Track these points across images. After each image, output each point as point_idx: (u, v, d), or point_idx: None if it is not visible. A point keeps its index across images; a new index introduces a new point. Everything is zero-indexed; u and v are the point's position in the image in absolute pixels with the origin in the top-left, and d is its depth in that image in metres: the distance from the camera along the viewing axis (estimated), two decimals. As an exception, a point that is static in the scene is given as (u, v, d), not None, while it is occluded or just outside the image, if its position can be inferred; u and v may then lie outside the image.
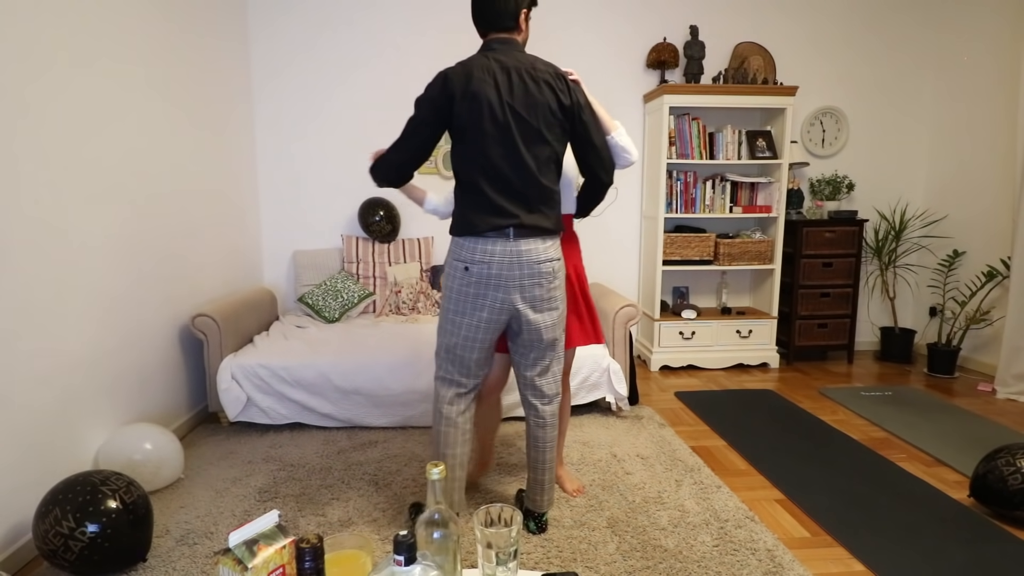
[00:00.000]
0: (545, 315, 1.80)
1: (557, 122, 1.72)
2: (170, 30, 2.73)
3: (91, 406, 2.18)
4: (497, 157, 1.70)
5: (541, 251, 1.75)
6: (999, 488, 2.04)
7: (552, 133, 1.73)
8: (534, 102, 1.69)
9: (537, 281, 1.76)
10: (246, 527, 0.94)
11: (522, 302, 1.76)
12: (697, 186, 3.83)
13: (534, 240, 1.75)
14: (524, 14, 1.77)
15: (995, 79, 3.72)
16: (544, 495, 1.97)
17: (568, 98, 1.73)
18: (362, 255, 3.75)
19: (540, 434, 1.92)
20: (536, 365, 1.87)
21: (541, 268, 1.75)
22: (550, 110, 1.70)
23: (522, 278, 1.75)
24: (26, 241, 1.86)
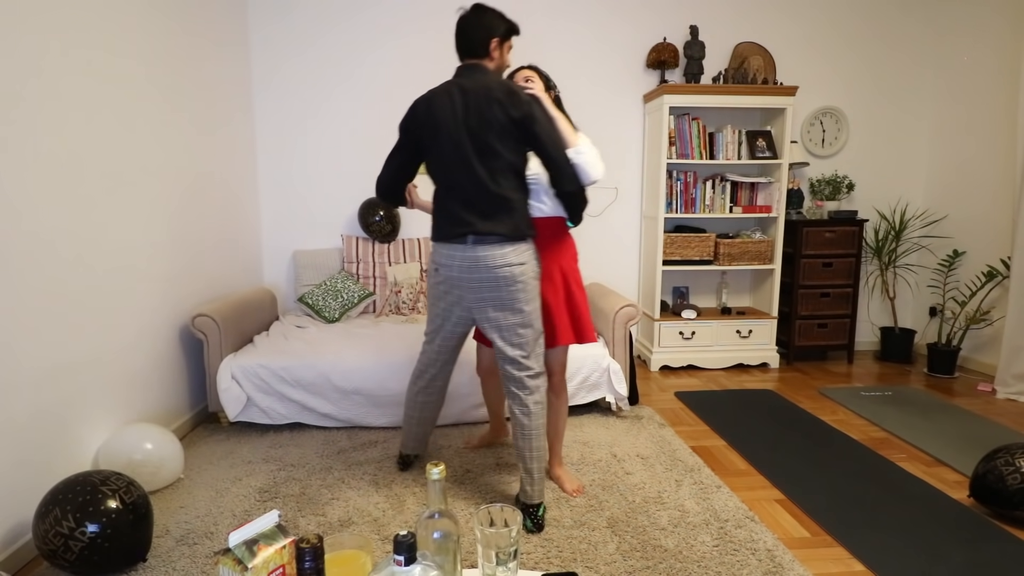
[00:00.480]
0: (508, 314, 1.94)
1: (510, 135, 1.86)
2: (170, 30, 2.73)
3: (91, 406, 2.18)
4: (454, 171, 1.91)
5: (499, 256, 1.89)
6: (998, 488, 2.04)
7: (505, 145, 1.86)
8: (485, 119, 1.85)
9: (495, 284, 1.91)
10: (246, 527, 0.94)
11: (483, 302, 1.94)
12: (697, 186, 3.83)
13: (492, 247, 1.89)
14: (495, 43, 1.95)
15: (995, 79, 3.72)
16: (533, 485, 2.02)
17: (518, 112, 1.84)
18: (362, 255, 3.75)
19: (525, 422, 2.00)
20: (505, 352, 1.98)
21: (498, 272, 1.89)
22: (501, 125, 1.85)
23: (481, 281, 1.92)
24: (26, 241, 1.86)
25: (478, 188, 1.89)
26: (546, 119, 1.88)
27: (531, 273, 1.96)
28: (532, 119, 1.85)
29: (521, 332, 1.96)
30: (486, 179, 1.88)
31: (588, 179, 1.95)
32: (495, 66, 1.98)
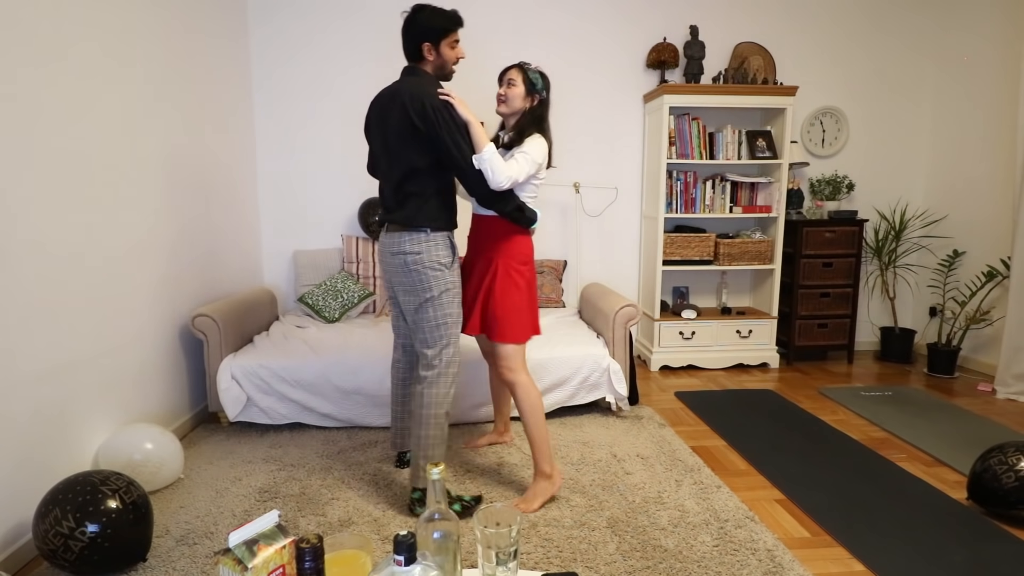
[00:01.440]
0: (408, 299, 2.09)
1: (413, 138, 1.98)
2: (170, 30, 2.73)
3: (91, 406, 2.18)
4: (380, 167, 2.14)
5: (395, 243, 2.06)
6: (994, 487, 2.04)
7: (407, 146, 2.00)
8: (391, 121, 2.01)
9: (394, 269, 2.09)
10: (246, 527, 0.94)
11: (395, 287, 2.13)
12: (697, 186, 3.83)
13: (393, 234, 2.07)
14: (427, 47, 2.04)
15: (995, 79, 3.72)
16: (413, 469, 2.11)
17: (420, 118, 1.95)
18: (362, 255, 3.75)
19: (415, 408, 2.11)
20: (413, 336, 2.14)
21: (394, 259, 2.07)
22: (403, 127, 1.98)
23: (388, 266, 2.12)
24: (26, 241, 1.86)
25: (388, 183, 2.09)
26: (449, 126, 1.95)
27: (428, 263, 2.04)
28: (433, 125, 1.94)
29: (417, 318, 2.08)
30: (393, 176, 2.05)
31: (491, 184, 1.99)
32: (433, 67, 2.08)
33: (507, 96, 2.17)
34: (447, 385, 2.09)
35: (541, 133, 2.14)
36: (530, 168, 2.06)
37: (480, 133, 1.99)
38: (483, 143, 1.98)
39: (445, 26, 2.04)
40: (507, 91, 2.17)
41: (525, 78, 2.15)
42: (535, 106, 2.18)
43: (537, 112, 2.17)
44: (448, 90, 2.01)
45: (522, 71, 2.16)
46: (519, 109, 2.18)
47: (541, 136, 2.13)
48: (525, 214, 2.13)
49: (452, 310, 2.10)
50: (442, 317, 2.08)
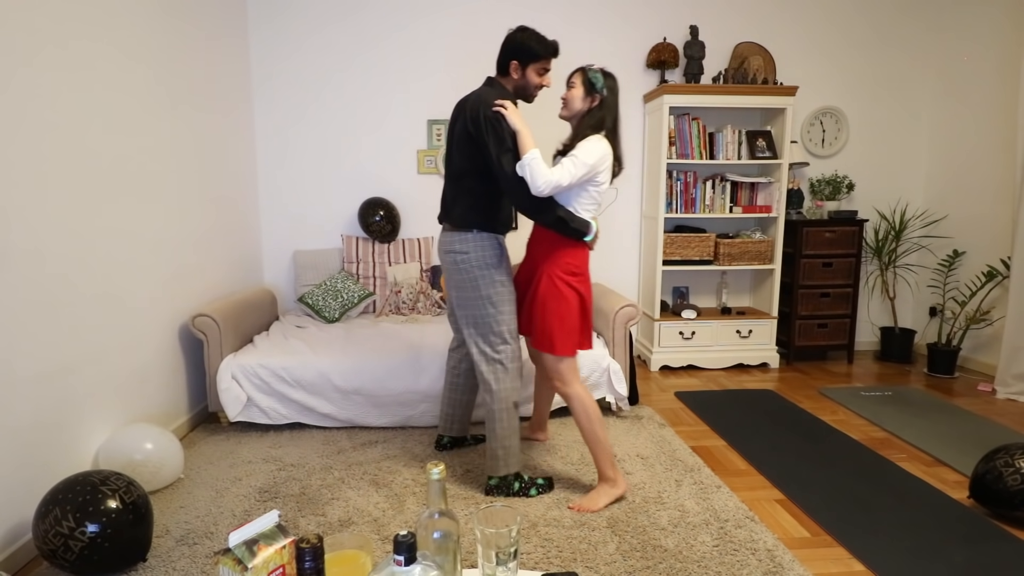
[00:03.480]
0: (458, 294, 2.19)
1: (467, 142, 2.10)
2: (170, 30, 2.73)
3: (91, 406, 2.18)
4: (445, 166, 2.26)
5: (445, 242, 2.20)
6: (998, 488, 2.04)
7: (462, 152, 2.13)
8: (457, 126, 2.14)
9: (446, 266, 2.20)
10: (246, 527, 0.94)
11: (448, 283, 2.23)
12: (697, 186, 3.83)
13: (446, 233, 2.20)
14: (514, 65, 2.13)
15: (995, 79, 3.72)
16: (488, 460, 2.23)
17: (473, 126, 2.06)
18: (362, 255, 3.75)
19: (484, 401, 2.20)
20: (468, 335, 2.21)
21: (446, 257, 2.19)
22: (461, 135, 2.11)
23: (442, 262, 2.23)
24: (26, 241, 1.86)
25: (446, 183, 2.23)
26: (497, 136, 2.02)
27: (475, 262, 2.12)
28: (482, 133, 2.04)
29: (470, 315, 2.17)
30: (450, 176, 2.20)
31: (532, 189, 1.98)
32: (515, 85, 2.17)
33: (566, 99, 2.13)
34: (511, 379, 2.17)
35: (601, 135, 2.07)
36: (577, 171, 1.98)
37: (527, 140, 1.99)
38: (526, 149, 1.98)
39: (538, 51, 2.11)
40: (566, 94, 2.13)
41: (584, 78, 2.10)
42: (594, 107, 2.10)
43: (596, 114, 2.10)
44: (503, 101, 2.04)
45: (583, 72, 2.10)
46: (579, 111, 2.12)
47: (600, 138, 2.06)
48: (571, 225, 2.07)
49: (504, 307, 2.15)
50: (495, 315, 2.14)
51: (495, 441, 2.18)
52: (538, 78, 2.15)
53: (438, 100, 3.86)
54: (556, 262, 2.13)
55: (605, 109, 2.11)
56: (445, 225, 2.21)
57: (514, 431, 2.18)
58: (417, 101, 3.85)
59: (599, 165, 2.03)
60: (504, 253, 2.20)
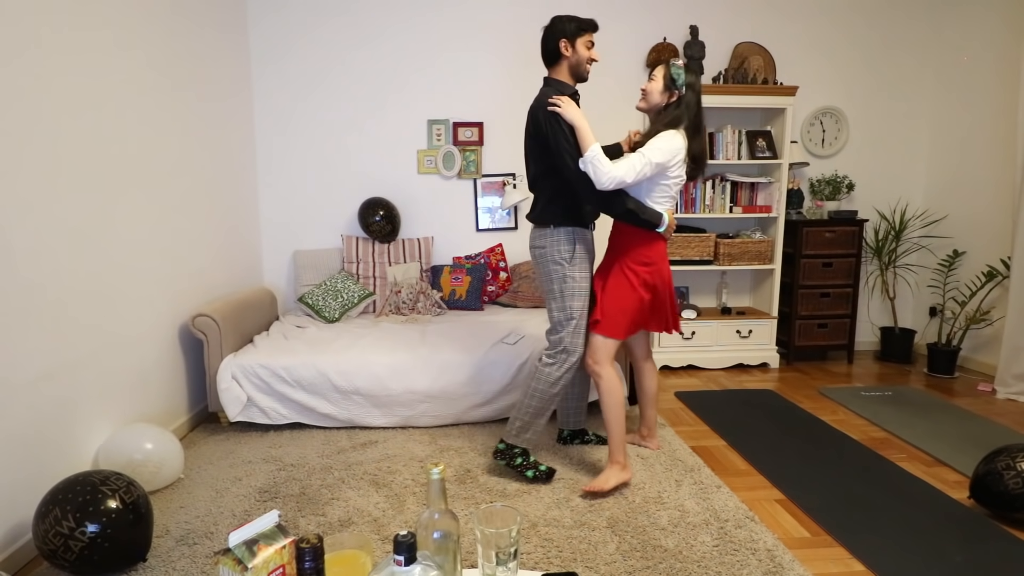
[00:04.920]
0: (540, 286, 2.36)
1: (534, 147, 2.21)
2: (170, 30, 2.73)
3: (91, 406, 2.18)
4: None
5: (531, 238, 2.31)
6: (998, 491, 2.04)
7: (532, 156, 2.24)
8: (527, 130, 2.23)
9: (533, 261, 2.34)
10: (246, 527, 0.94)
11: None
12: (697, 186, 3.83)
13: (532, 230, 2.32)
14: (564, 44, 2.17)
15: (995, 79, 3.72)
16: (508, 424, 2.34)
17: (533, 127, 2.18)
18: (362, 255, 3.75)
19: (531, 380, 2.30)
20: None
21: (531, 252, 2.32)
22: (529, 135, 2.22)
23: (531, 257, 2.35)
24: (26, 241, 1.86)
25: (529, 186, 2.31)
26: (557, 134, 2.08)
27: (552, 257, 2.22)
28: (544, 133, 2.12)
29: (548, 307, 2.29)
30: (528, 178, 2.30)
31: (596, 185, 2.01)
32: (570, 65, 2.21)
33: (646, 90, 2.15)
34: (560, 370, 2.24)
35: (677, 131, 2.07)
36: (643, 167, 1.99)
37: (586, 135, 2.01)
38: (587, 143, 2.00)
39: (581, 26, 2.18)
40: (647, 85, 2.15)
41: (666, 72, 2.10)
42: (671, 103, 2.11)
43: (672, 111, 2.11)
44: (557, 98, 2.09)
45: (666, 65, 2.10)
46: (656, 104, 2.14)
47: (674, 134, 2.06)
48: (641, 217, 2.10)
49: (574, 303, 2.22)
50: (561, 308, 2.23)
51: (521, 410, 2.30)
52: (587, 51, 2.20)
53: (438, 100, 3.86)
54: (629, 252, 2.21)
55: (683, 107, 2.11)
56: (533, 221, 2.31)
57: (540, 413, 2.28)
58: (417, 101, 3.85)
59: (668, 162, 2.04)
60: (583, 247, 2.25)
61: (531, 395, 2.28)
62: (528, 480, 2.31)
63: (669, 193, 2.14)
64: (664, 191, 2.13)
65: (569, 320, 2.22)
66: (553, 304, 2.26)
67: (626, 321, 2.20)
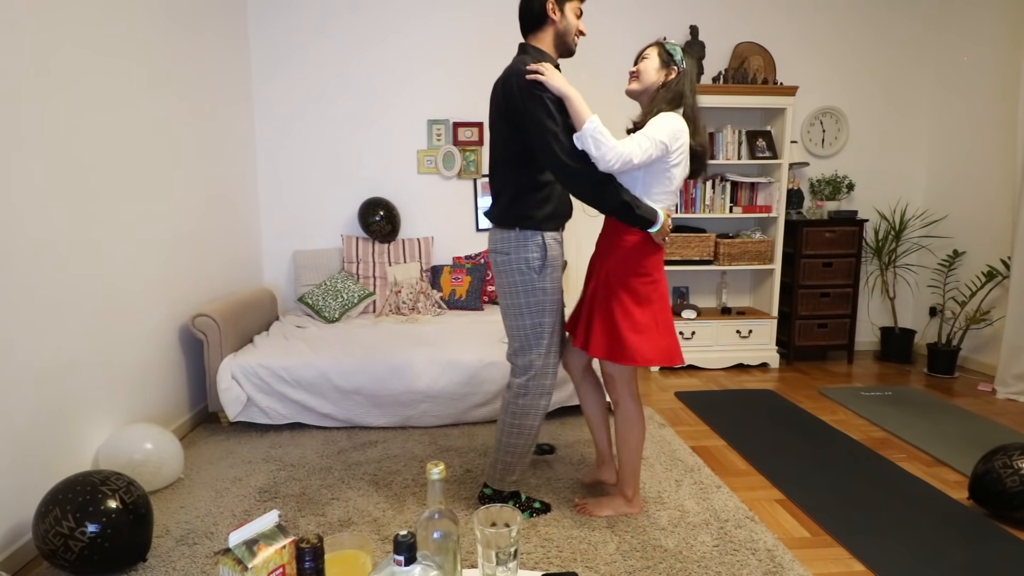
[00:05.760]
0: (501, 300, 1.99)
1: (500, 121, 1.84)
2: (170, 31, 2.73)
3: (91, 406, 2.17)
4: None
5: (489, 240, 1.99)
6: (997, 489, 2.04)
7: (499, 137, 1.88)
8: (493, 106, 1.88)
9: (493, 267, 1.99)
10: (246, 527, 0.94)
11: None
12: (697, 186, 3.83)
13: (492, 231, 1.98)
14: (551, 5, 1.83)
15: (995, 79, 3.72)
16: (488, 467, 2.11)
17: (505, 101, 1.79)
18: (362, 255, 3.75)
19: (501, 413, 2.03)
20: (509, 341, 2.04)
21: (491, 257, 1.98)
22: (498, 112, 1.85)
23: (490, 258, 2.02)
24: (26, 242, 1.86)
25: (490, 175, 1.98)
26: (534, 108, 1.72)
27: (515, 265, 1.89)
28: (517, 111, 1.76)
29: (508, 323, 1.98)
30: (492, 169, 1.95)
31: (599, 164, 1.71)
32: (555, 34, 1.88)
33: (637, 71, 1.89)
34: (537, 396, 1.97)
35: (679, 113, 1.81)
36: (648, 145, 1.71)
37: (580, 105, 1.70)
38: (584, 116, 1.69)
39: None
40: (638, 65, 1.89)
41: (661, 50, 1.86)
42: (670, 80, 1.84)
43: (673, 87, 1.83)
44: (538, 65, 1.74)
45: (659, 45, 1.87)
46: (652, 83, 1.86)
47: (677, 115, 1.80)
48: (636, 212, 1.78)
49: (544, 319, 1.92)
50: (532, 326, 1.93)
51: (497, 452, 2.03)
52: (576, 20, 1.88)
53: (438, 100, 3.86)
54: (625, 265, 1.88)
55: (684, 83, 1.84)
56: (490, 221, 1.97)
57: (520, 451, 2.01)
58: (417, 101, 3.85)
59: (673, 144, 1.76)
60: (552, 254, 1.92)
61: (510, 432, 1.98)
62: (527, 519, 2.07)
63: (670, 188, 1.84)
64: (665, 185, 1.82)
65: (540, 339, 1.93)
66: (519, 321, 1.93)
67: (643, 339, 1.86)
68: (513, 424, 1.99)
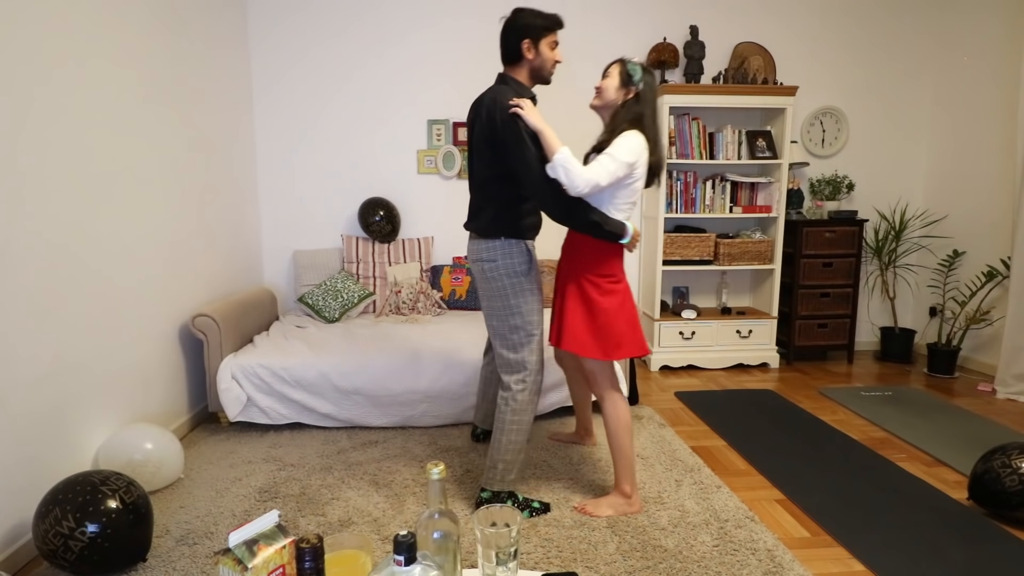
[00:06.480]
0: (488, 303, 2.11)
1: (485, 145, 2.00)
2: (171, 32, 2.73)
3: (91, 406, 2.18)
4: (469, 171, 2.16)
5: (473, 250, 2.12)
6: (996, 489, 2.04)
7: (481, 155, 2.04)
8: (475, 128, 2.05)
9: (476, 276, 2.13)
10: (246, 527, 0.94)
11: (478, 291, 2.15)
12: (697, 186, 3.83)
13: (473, 242, 2.12)
14: (527, 44, 2.01)
15: (995, 79, 3.72)
16: (486, 471, 2.13)
17: (488, 129, 1.96)
18: (362, 255, 3.75)
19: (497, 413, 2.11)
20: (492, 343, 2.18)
21: (475, 266, 2.12)
22: (480, 137, 2.02)
23: (472, 271, 2.17)
24: (27, 242, 1.87)
25: (471, 190, 2.14)
26: (517, 139, 1.90)
27: (503, 271, 2.04)
28: (502, 138, 1.93)
29: (499, 324, 2.09)
30: (474, 183, 2.12)
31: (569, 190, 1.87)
32: (531, 68, 2.05)
33: (600, 87, 2.03)
34: (532, 391, 2.08)
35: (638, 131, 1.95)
36: (615, 168, 1.86)
37: (551, 139, 1.87)
38: (555, 148, 1.86)
39: (546, 24, 2.00)
40: (601, 83, 2.03)
41: (622, 69, 1.99)
42: (630, 100, 1.99)
43: (633, 108, 1.98)
44: (518, 100, 1.92)
45: (621, 63, 2.01)
46: (612, 102, 2.01)
47: (637, 134, 1.94)
48: (605, 228, 1.95)
49: (533, 317, 2.07)
50: (523, 324, 2.05)
51: (498, 452, 2.08)
52: (552, 53, 2.04)
53: (438, 100, 3.86)
54: (589, 267, 2.05)
55: (643, 103, 1.99)
56: (472, 233, 2.12)
57: (519, 447, 2.08)
58: (417, 101, 3.85)
59: (636, 162, 1.92)
60: (532, 260, 2.11)
61: (508, 430, 2.06)
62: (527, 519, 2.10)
63: (632, 199, 2.01)
64: (627, 197, 1.99)
65: (531, 337, 2.06)
66: (510, 322, 2.05)
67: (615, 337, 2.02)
68: (514, 421, 2.07)
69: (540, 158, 1.91)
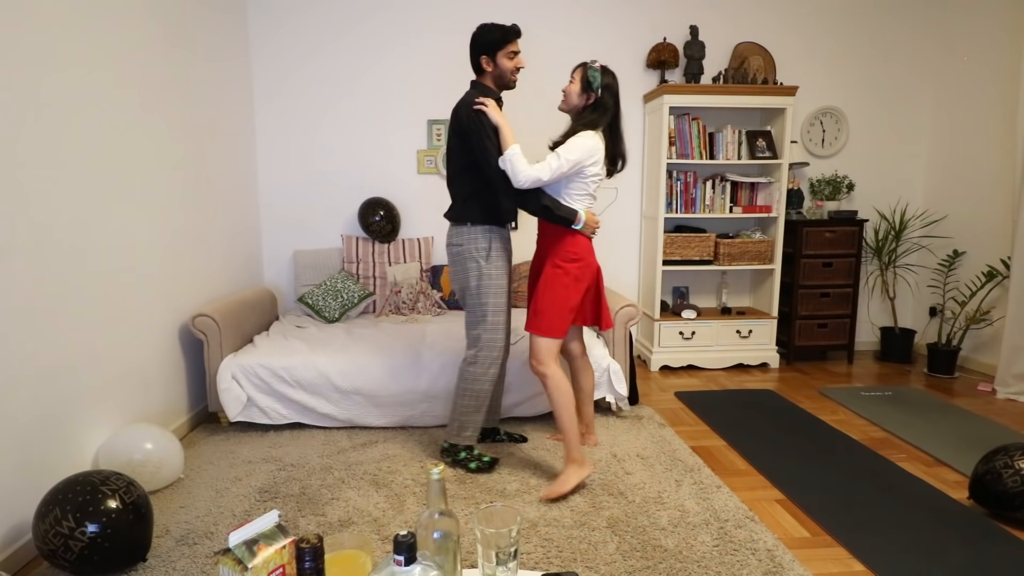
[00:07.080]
0: (455, 285, 2.37)
1: (456, 139, 2.25)
2: (172, 33, 2.73)
3: (91, 406, 2.18)
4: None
5: (448, 236, 2.35)
6: (997, 490, 2.04)
7: (454, 152, 2.28)
8: (450, 128, 2.28)
9: (448, 259, 2.36)
10: (246, 527, 0.94)
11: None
12: (697, 186, 3.83)
13: (449, 228, 2.35)
14: (484, 60, 2.24)
15: (995, 79, 3.72)
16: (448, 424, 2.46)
17: (457, 125, 2.22)
18: (362, 255, 3.75)
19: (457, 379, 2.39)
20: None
21: (447, 250, 2.35)
22: (453, 133, 2.26)
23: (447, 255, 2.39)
24: (27, 242, 1.87)
25: (447, 183, 2.36)
26: (480, 132, 2.14)
27: (467, 254, 2.27)
28: (465, 133, 2.18)
29: (463, 303, 2.36)
30: (449, 177, 2.34)
31: (513, 183, 2.11)
32: (493, 78, 2.28)
33: (565, 92, 2.23)
34: (485, 365, 2.31)
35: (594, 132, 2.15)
36: (560, 166, 2.08)
37: (507, 135, 2.12)
38: (508, 143, 2.10)
39: (499, 38, 2.21)
40: (566, 87, 2.23)
41: (582, 75, 2.18)
42: (588, 105, 2.20)
43: (589, 115, 2.19)
44: (484, 99, 2.16)
45: (582, 68, 2.19)
46: (575, 106, 2.23)
47: (592, 135, 2.14)
48: (556, 213, 2.17)
49: (489, 299, 2.28)
50: (480, 305, 2.29)
51: (456, 411, 2.38)
52: (510, 62, 2.24)
53: (438, 100, 3.86)
54: (555, 249, 2.25)
55: (600, 110, 2.19)
56: (449, 218, 2.33)
57: (474, 410, 2.36)
58: (417, 101, 3.85)
59: (585, 161, 2.12)
60: (499, 246, 2.30)
61: (461, 395, 2.35)
62: (472, 471, 2.38)
63: (587, 191, 2.20)
64: (581, 188, 2.19)
65: (485, 317, 2.29)
66: (469, 301, 2.31)
67: (564, 318, 2.22)
68: (465, 389, 2.34)
69: (499, 151, 2.15)
